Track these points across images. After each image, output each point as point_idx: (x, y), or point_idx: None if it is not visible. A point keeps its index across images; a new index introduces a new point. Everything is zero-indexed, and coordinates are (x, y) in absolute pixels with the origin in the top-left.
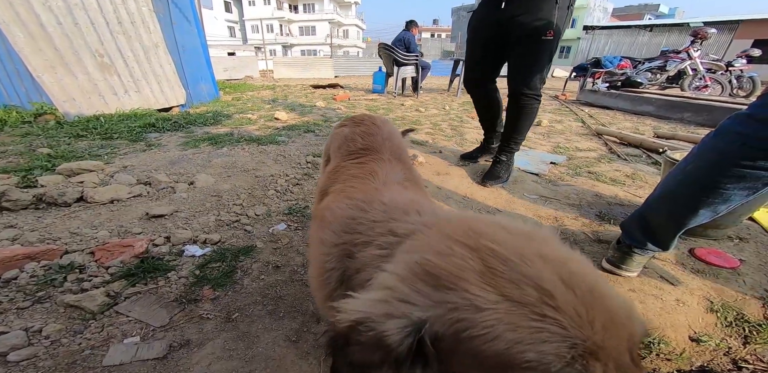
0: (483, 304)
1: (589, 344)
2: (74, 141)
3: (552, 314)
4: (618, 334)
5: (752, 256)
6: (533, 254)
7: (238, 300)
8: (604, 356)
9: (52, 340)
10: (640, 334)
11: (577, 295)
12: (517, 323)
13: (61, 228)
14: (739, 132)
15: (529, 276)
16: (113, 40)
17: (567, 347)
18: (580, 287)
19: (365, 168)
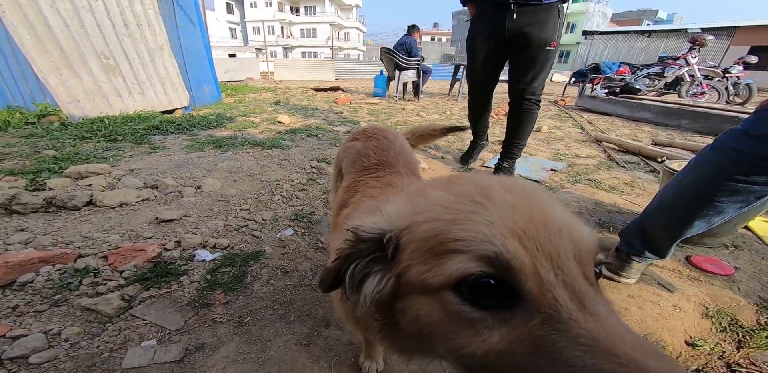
0: (432, 196)
1: (511, 226)
2: (79, 143)
3: (483, 201)
4: (551, 230)
5: (747, 263)
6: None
7: (249, 304)
8: (528, 241)
9: (72, 343)
10: (587, 243)
11: (513, 195)
12: (453, 207)
13: (73, 232)
14: (733, 147)
15: (478, 183)
16: (119, 43)
17: (487, 225)
18: (521, 193)
19: (383, 180)
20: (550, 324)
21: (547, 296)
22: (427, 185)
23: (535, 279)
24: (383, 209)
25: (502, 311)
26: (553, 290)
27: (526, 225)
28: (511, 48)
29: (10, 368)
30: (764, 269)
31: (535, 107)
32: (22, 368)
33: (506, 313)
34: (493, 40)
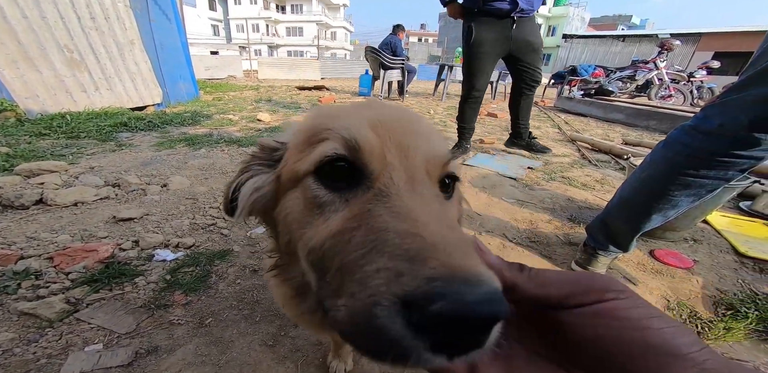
0: (330, 106)
1: (375, 120)
2: (36, 140)
3: (365, 106)
4: (408, 131)
5: (705, 256)
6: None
7: (212, 305)
8: (383, 132)
9: (4, 349)
10: (437, 150)
11: (395, 109)
12: (338, 109)
13: (17, 232)
14: (684, 143)
15: (372, 99)
16: (85, 36)
17: (356, 118)
18: (403, 111)
19: None
20: (379, 198)
21: (385, 176)
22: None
23: (380, 160)
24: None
25: (347, 193)
26: (392, 171)
27: (388, 122)
28: (518, 52)
29: None
30: (721, 261)
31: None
32: None
33: (350, 193)
34: (500, 46)
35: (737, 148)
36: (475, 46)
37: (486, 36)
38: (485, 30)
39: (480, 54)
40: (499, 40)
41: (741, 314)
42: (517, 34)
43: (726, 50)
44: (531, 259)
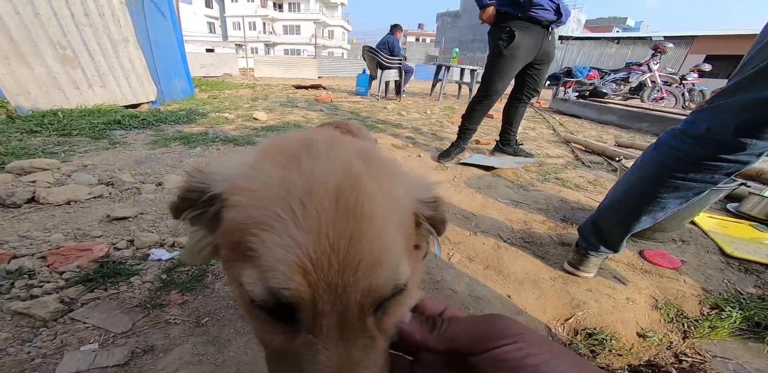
0: (267, 170)
1: (304, 257)
2: (27, 137)
3: (298, 209)
4: (349, 262)
5: (692, 257)
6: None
7: (208, 304)
8: (317, 275)
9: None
10: (380, 282)
11: (337, 204)
12: (267, 205)
13: (9, 231)
14: (673, 147)
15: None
16: (78, 33)
17: (282, 249)
18: (346, 203)
19: None
20: (306, 346)
21: (316, 325)
22: (283, 144)
23: (310, 311)
24: (225, 160)
25: (283, 325)
26: (322, 321)
27: (322, 254)
28: (536, 61)
29: None
30: (708, 262)
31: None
32: None
33: (286, 327)
34: (531, 53)
35: (724, 153)
36: (512, 49)
37: (524, 42)
38: (525, 36)
39: (513, 58)
40: (531, 48)
41: (726, 313)
42: (545, 43)
43: (718, 53)
44: (525, 259)
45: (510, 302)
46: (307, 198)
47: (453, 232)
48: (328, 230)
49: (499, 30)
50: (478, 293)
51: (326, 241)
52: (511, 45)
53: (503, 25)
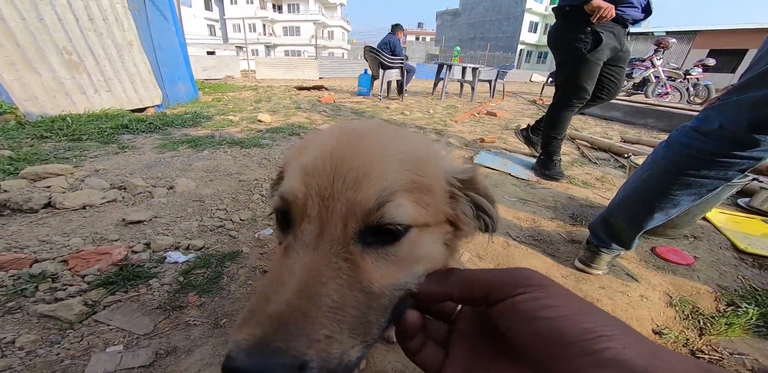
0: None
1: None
2: (38, 143)
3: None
4: (345, 177)
5: (705, 253)
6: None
7: (225, 306)
8: (314, 180)
9: (27, 351)
10: (365, 198)
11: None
12: (303, 145)
13: (29, 236)
14: (684, 144)
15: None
16: (83, 38)
17: (295, 168)
18: (358, 135)
19: None
20: (286, 251)
21: (300, 229)
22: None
23: (300, 213)
24: None
25: (285, 231)
26: (307, 225)
27: (322, 162)
28: (616, 60)
29: None
30: (721, 257)
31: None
32: None
33: (286, 232)
34: (611, 54)
35: (737, 149)
36: (597, 53)
37: (609, 43)
38: (610, 37)
39: (597, 62)
40: (612, 49)
41: (742, 309)
42: (624, 43)
43: (721, 48)
44: (535, 257)
45: None
46: (329, 135)
47: None
48: (334, 149)
49: (578, 30)
50: None
51: (328, 156)
52: (597, 49)
53: (583, 25)
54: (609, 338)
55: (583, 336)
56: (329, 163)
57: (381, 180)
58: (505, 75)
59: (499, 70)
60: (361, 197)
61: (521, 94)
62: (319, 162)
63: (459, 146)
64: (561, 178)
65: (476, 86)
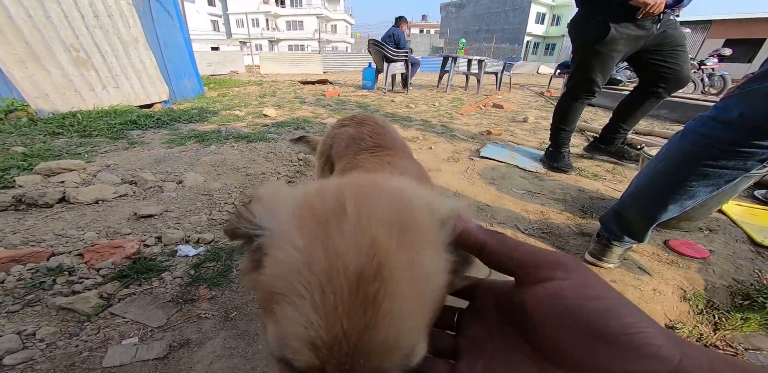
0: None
1: (318, 335)
2: (50, 139)
3: (321, 283)
4: (362, 344)
5: (721, 246)
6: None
7: (235, 299)
8: (328, 352)
9: (48, 343)
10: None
11: (360, 280)
12: (297, 272)
13: (45, 230)
14: (702, 134)
15: (347, 246)
16: (89, 35)
17: (301, 326)
18: (370, 277)
19: (384, 160)
20: None
21: None
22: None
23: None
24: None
25: None
26: None
27: (334, 339)
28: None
29: None
30: (737, 251)
31: (657, 101)
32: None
33: None
34: (637, 42)
35: (757, 139)
36: (607, 44)
37: (624, 33)
38: (627, 26)
39: (610, 53)
40: (635, 37)
41: (758, 304)
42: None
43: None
44: None
45: None
46: (327, 282)
47: None
48: (343, 317)
49: (586, 20)
50: None
51: (340, 327)
52: (605, 40)
53: (593, 15)
54: (649, 335)
55: (626, 330)
56: (339, 339)
57: (405, 347)
58: (512, 67)
59: (506, 62)
60: (386, 369)
61: (528, 87)
62: (329, 338)
63: (465, 139)
64: (570, 170)
65: (482, 79)
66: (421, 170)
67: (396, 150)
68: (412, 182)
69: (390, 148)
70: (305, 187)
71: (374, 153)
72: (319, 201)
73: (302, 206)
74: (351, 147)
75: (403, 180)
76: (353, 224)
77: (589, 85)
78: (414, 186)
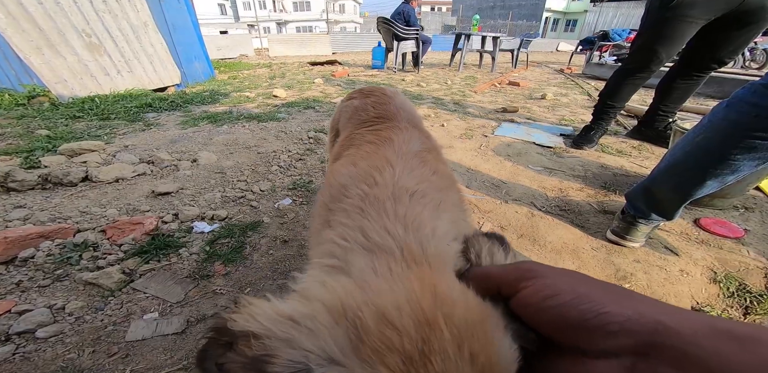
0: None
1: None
2: (71, 122)
3: None
4: None
5: (757, 225)
6: None
7: (248, 275)
8: None
9: (76, 317)
10: None
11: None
12: None
13: (70, 207)
14: (753, 103)
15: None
16: (99, 20)
17: None
18: None
19: (381, 135)
20: None
21: None
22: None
23: None
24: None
25: None
26: None
27: None
28: (734, 20)
29: (19, 343)
30: None
31: (702, 80)
32: (30, 343)
33: None
34: (717, 9)
35: None
36: (680, 8)
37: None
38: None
39: (682, 20)
40: (716, 2)
41: None
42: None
43: None
44: (562, 228)
45: None
46: None
47: (483, 201)
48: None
49: None
50: None
51: None
52: (672, 4)
53: None
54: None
55: (584, 317)
56: None
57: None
58: (529, 44)
59: (523, 38)
60: None
61: (547, 64)
62: None
63: (479, 116)
64: (585, 146)
65: (497, 56)
66: (427, 141)
67: (398, 121)
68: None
69: (392, 119)
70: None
71: (374, 126)
72: (390, 330)
73: (364, 332)
74: (353, 119)
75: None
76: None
77: (645, 59)
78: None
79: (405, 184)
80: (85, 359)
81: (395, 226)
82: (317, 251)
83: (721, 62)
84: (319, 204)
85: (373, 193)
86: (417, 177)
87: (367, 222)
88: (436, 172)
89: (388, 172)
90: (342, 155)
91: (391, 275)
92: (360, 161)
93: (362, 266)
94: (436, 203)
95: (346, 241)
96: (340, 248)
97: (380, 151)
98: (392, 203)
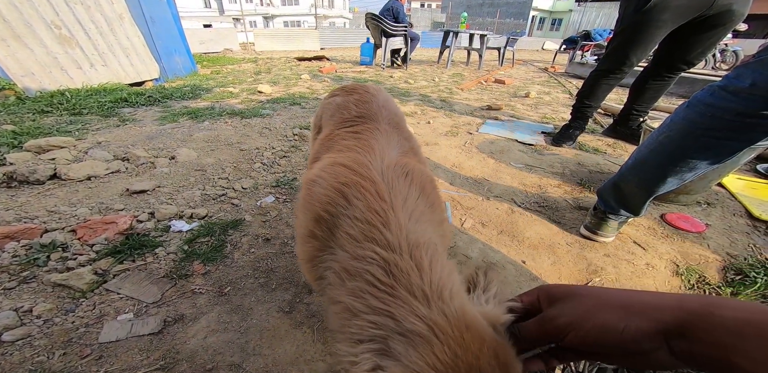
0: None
1: None
2: (39, 117)
3: None
4: None
5: (718, 220)
6: None
7: (229, 274)
8: None
9: (45, 319)
10: None
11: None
12: None
13: (37, 207)
14: (709, 103)
15: None
16: (70, 11)
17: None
18: None
19: (361, 140)
20: None
21: None
22: None
23: None
24: None
25: None
26: None
27: None
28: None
29: None
30: (734, 225)
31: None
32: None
33: None
34: (689, 13)
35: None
36: (652, 12)
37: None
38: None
39: (653, 23)
40: (687, 6)
41: (750, 279)
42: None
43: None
44: (539, 224)
45: (525, 267)
46: None
47: (465, 197)
48: None
49: None
50: (492, 258)
51: None
52: (650, 5)
53: None
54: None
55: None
56: None
57: None
58: (516, 42)
59: (509, 37)
60: None
61: (532, 62)
62: None
63: (464, 113)
64: (564, 143)
65: (484, 54)
66: (406, 142)
67: (379, 122)
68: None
69: (373, 119)
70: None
71: (354, 126)
72: None
73: None
74: (335, 116)
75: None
76: None
77: (618, 62)
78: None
79: (415, 239)
80: (56, 361)
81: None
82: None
83: (690, 63)
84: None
85: (393, 260)
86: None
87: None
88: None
89: (394, 224)
90: (321, 158)
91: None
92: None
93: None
94: (441, 251)
95: (380, 329)
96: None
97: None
98: (417, 274)
